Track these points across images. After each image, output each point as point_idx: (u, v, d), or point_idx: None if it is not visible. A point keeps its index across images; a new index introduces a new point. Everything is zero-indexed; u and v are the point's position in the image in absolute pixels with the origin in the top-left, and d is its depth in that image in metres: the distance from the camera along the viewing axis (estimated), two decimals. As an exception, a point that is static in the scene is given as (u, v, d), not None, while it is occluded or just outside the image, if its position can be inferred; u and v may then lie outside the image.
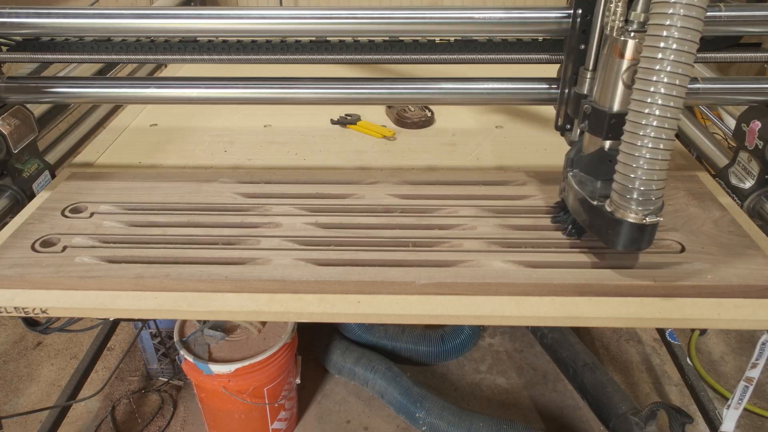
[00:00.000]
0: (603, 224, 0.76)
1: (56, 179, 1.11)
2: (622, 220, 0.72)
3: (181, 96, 1.03)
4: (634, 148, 0.68)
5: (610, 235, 0.75)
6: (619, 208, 0.73)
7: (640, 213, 0.71)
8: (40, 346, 1.84)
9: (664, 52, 0.64)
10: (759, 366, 0.85)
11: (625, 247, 0.75)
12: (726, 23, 0.89)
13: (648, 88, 0.66)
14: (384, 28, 0.92)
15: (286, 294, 0.79)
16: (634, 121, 0.68)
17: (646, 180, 0.69)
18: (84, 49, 1.00)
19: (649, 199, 0.71)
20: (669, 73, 0.64)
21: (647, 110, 0.66)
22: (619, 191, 0.72)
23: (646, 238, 0.74)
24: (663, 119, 0.66)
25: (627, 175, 0.70)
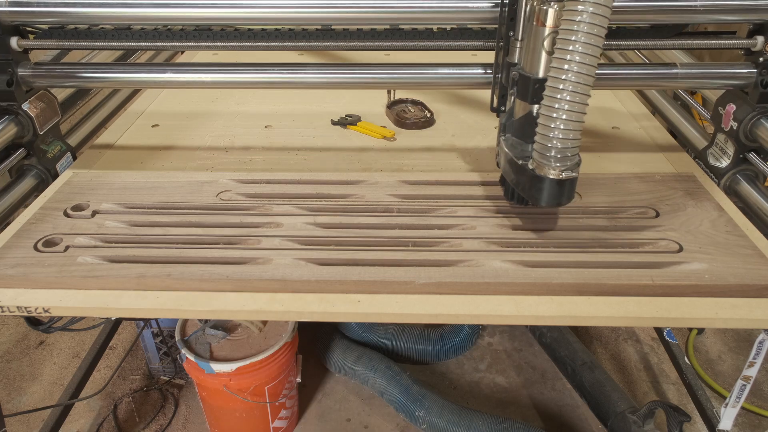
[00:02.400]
0: (527, 182, 0.83)
1: (78, 160, 1.19)
2: (543, 176, 0.79)
3: (195, 80, 1.08)
4: (552, 110, 0.75)
5: (533, 191, 0.82)
6: (540, 165, 0.79)
7: (558, 169, 0.77)
8: (42, 345, 1.84)
9: (579, 23, 0.70)
10: (756, 365, 0.86)
11: (547, 202, 0.81)
12: (703, 11, 0.94)
13: (565, 56, 0.72)
14: (384, 16, 0.99)
15: (287, 293, 0.80)
16: (552, 85, 0.74)
17: (563, 138, 0.75)
18: (106, 37, 1.05)
19: (566, 156, 0.77)
20: (583, 42, 0.71)
21: (564, 75, 0.72)
22: (539, 150, 0.79)
23: (565, 193, 0.80)
24: (577, 84, 0.72)
25: (546, 135, 0.77)
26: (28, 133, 1.04)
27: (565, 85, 0.73)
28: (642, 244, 0.87)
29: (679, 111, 1.30)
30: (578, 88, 0.72)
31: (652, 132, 1.31)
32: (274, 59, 1.09)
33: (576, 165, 0.79)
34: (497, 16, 0.93)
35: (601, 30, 0.71)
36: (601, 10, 0.70)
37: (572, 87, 0.72)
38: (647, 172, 1.07)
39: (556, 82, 0.73)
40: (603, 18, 0.70)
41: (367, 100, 1.44)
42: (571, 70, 0.72)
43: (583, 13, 0.70)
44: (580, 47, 0.71)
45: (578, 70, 0.72)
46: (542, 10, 0.78)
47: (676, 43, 1.02)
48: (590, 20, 0.70)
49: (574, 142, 0.76)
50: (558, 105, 0.74)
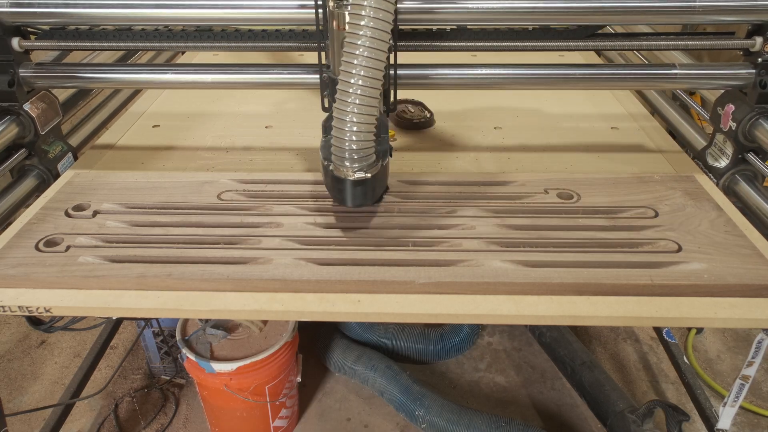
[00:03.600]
0: (330, 183, 0.84)
1: (79, 161, 1.19)
2: (343, 178, 0.80)
3: (196, 80, 1.09)
4: (344, 112, 0.75)
5: (336, 193, 0.83)
6: (338, 167, 0.80)
7: (353, 170, 0.78)
8: (43, 344, 1.85)
9: (364, 28, 0.71)
10: (755, 364, 0.86)
11: (353, 203, 0.82)
12: (701, 12, 0.94)
13: (352, 60, 0.73)
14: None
15: (287, 293, 0.80)
16: (342, 89, 0.75)
17: (356, 141, 0.76)
18: (107, 38, 1.06)
19: (361, 156, 0.78)
20: (368, 47, 0.72)
21: (352, 80, 0.73)
22: (336, 152, 0.79)
23: (368, 193, 0.82)
24: (365, 87, 0.73)
25: (340, 137, 0.77)
26: (29, 133, 1.05)
27: (354, 88, 0.73)
28: (641, 244, 0.87)
29: (678, 111, 1.30)
30: (366, 91, 0.73)
31: (651, 132, 1.31)
32: (274, 60, 1.10)
33: (371, 165, 0.80)
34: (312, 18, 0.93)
35: (384, 34, 0.72)
36: (381, 15, 0.71)
37: (360, 90, 0.73)
38: (646, 173, 1.07)
39: (346, 85, 0.74)
40: (385, 22, 0.71)
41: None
42: (357, 74, 0.72)
43: (365, 17, 0.71)
44: (366, 50, 0.71)
45: (365, 74, 0.72)
46: (337, 14, 0.80)
47: (675, 44, 1.03)
48: (374, 24, 0.71)
49: (367, 143, 0.77)
50: (349, 108, 0.74)
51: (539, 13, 0.96)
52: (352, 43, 0.73)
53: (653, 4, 0.95)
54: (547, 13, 0.96)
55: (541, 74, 1.05)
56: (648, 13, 0.96)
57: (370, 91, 0.74)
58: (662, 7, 0.95)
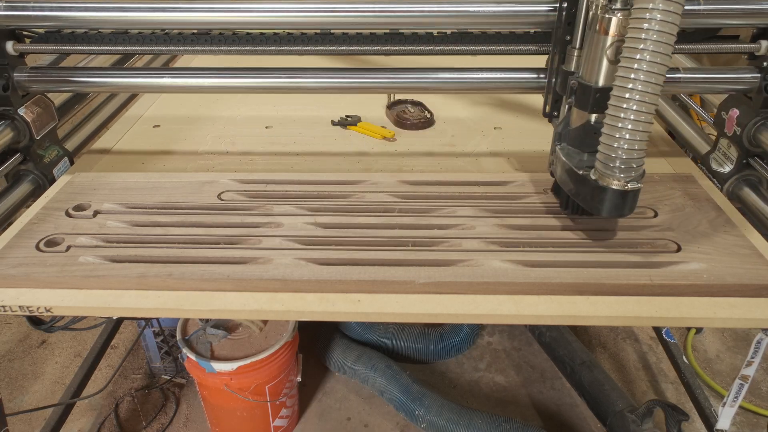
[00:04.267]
0: (588, 192, 0.81)
1: (74, 165, 1.17)
2: (606, 187, 0.77)
3: (193, 85, 1.08)
4: (618, 119, 0.73)
5: (595, 202, 0.81)
6: (603, 176, 0.78)
7: (623, 180, 0.76)
8: (44, 344, 1.85)
9: (647, 31, 0.69)
10: (754, 364, 0.86)
11: (609, 213, 0.80)
12: (706, 16, 0.93)
13: (632, 65, 0.71)
14: (384, 20, 0.98)
15: (287, 293, 0.80)
16: (617, 95, 0.73)
17: (628, 149, 0.74)
18: (103, 41, 1.04)
19: (630, 167, 0.76)
20: (651, 51, 0.69)
21: (631, 85, 0.71)
22: (603, 160, 0.78)
23: (628, 204, 0.79)
24: (645, 93, 0.71)
25: (610, 145, 0.75)
26: (24, 138, 1.03)
27: (632, 95, 0.71)
28: (641, 243, 0.88)
29: (678, 112, 1.30)
30: (646, 98, 0.70)
31: (653, 137, 1.31)
32: (273, 63, 1.09)
33: (640, 176, 0.77)
34: (553, 20, 0.91)
35: (670, 37, 0.68)
36: (670, 17, 0.68)
37: (639, 97, 0.70)
38: (646, 173, 1.07)
39: (623, 92, 0.71)
40: (672, 25, 0.68)
41: (367, 101, 1.45)
42: (638, 79, 0.70)
43: (651, 20, 0.68)
44: (648, 55, 0.69)
45: (646, 79, 0.70)
46: (605, 18, 0.77)
47: (679, 47, 1.01)
48: (659, 27, 0.68)
49: (640, 152, 0.75)
50: (624, 115, 0.72)
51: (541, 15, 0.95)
52: (633, 48, 0.70)
53: None
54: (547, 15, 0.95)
55: (539, 78, 1.02)
56: None
57: (651, 98, 0.71)
58: None
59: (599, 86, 0.81)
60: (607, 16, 0.77)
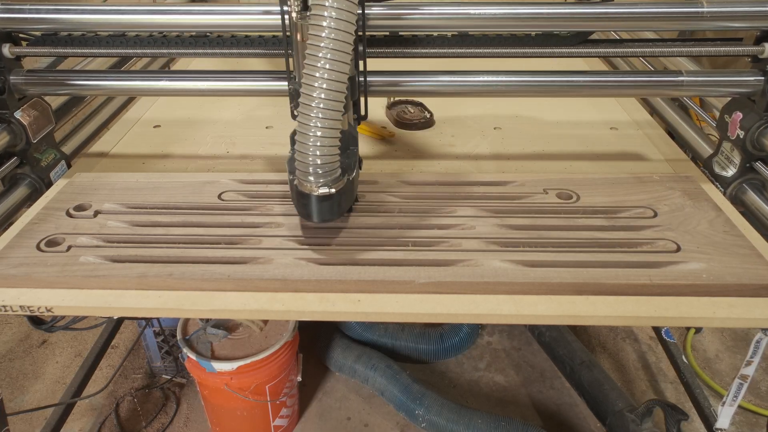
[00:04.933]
0: (296, 198, 0.81)
1: (72, 168, 1.17)
2: (308, 193, 0.78)
3: (191, 88, 1.07)
4: (307, 127, 0.73)
5: (301, 208, 0.81)
6: (301, 182, 0.78)
7: (318, 185, 0.76)
8: (45, 344, 1.85)
9: (323, 38, 0.69)
10: (753, 364, 0.86)
11: (320, 218, 0.80)
12: (709, 18, 0.92)
13: (313, 72, 0.70)
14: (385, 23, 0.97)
15: (288, 293, 0.81)
16: (304, 102, 0.72)
17: (321, 155, 0.74)
18: (100, 44, 1.04)
19: (326, 171, 0.76)
20: (330, 60, 0.69)
21: (315, 93, 0.71)
22: (300, 167, 0.77)
23: (335, 209, 0.80)
24: (328, 101, 0.71)
25: (304, 152, 0.75)
26: (20, 141, 1.02)
27: (316, 101, 0.71)
28: (640, 243, 0.88)
29: (678, 113, 1.29)
30: (329, 104, 0.71)
31: (649, 132, 1.32)
32: (271, 67, 1.09)
33: (335, 180, 0.77)
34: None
35: (346, 45, 0.69)
36: (343, 25, 0.69)
37: (323, 104, 0.71)
38: (645, 173, 1.07)
39: (308, 98, 0.71)
40: (347, 33, 0.69)
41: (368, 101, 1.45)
42: (320, 87, 0.70)
43: (326, 28, 0.68)
44: (327, 61, 0.69)
45: (327, 87, 0.70)
46: (300, 24, 0.78)
47: (682, 51, 1.01)
48: (335, 35, 0.68)
49: (331, 157, 0.75)
50: (312, 122, 0.72)
51: (543, 19, 0.95)
52: (313, 55, 0.70)
53: (660, 11, 0.94)
54: (554, 19, 0.95)
55: (541, 81, 1.03)
56: (655, 19, 0.94)
57: (333, 104, 0.71)
58: (669, 13, 0.94)
59: None
60: (302, 23, 0.78)
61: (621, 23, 0.98)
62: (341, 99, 0.72)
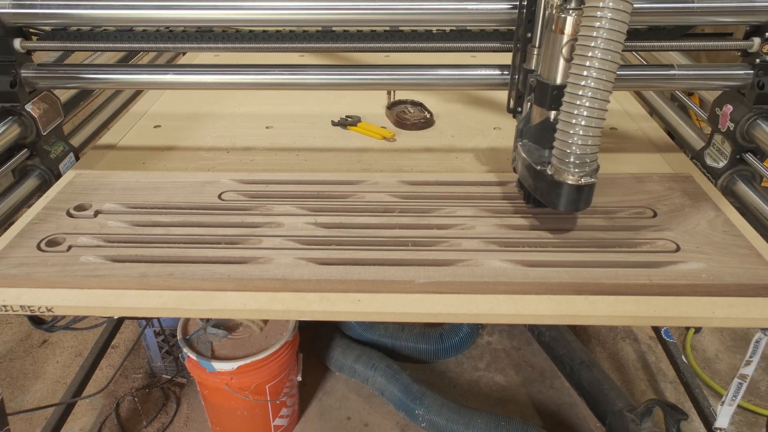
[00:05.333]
0: (545, 187, 0.83)
1: (80, 161, 1.19)
2: (562, 182, 0.79)
3: (197, 81, 1.09)
4: (572, 116, 0.75)
5: (552, 197, 0.83)
6: (559, 171, 0.80)
7: (577, 175, 0.78)
8: (45, 344, 1.85)
9: (598, 29, 0.71)
10: (753, 363, 0.86)
11: (565, 207, 0.82)
12: (699, 13, 0.95)
13: (584, 63, 0.72)
14: (385, 18, 0.99)
15: (288, 293, 0.81)
16: (571, 92, 0.75)
17: (581, 145, 0.76)
18: (108, 39, 1.06)
19: (584, 162, 0.78)
20: (602, 49, 0.71)
21: (583, 82, 0.73)
22: (558, 156, 0.79)
23: (584, 198, 0.81)
24: (597, 90, 0.73)
25: (565, 141, 0.77)
26: (31, 133, 1.05)
27: (585, 91, 0.73)
28: (640, 243, 0.88)
29: (676, 112, 1.31)
30: (597, 94, 0.73)
31: (649, 132, 1.32)
32: (275, 61, 1.10)
33: (594, 171, 0.80)
34: (514, 17, 0.93)
35: (621, 36, 0.71)
36: (620, 16, 0.70)
37: (591, 93, 0.73)
38: (645, 173, 1.07)
39: (576, 89, 0.74)
40: (622, 24, 0.70)
41: (367, 102, 1.45)
42: (590, 76, 0.72)
43: (602, 19, 0.70)
44: (600, 53, 0.71)
45: (597, 77, 0.72)
46: (561, 18, 0.79)
47: (674, 45, 1.03)
48: (609, 26, 0.70)
49: (593, 148, 0.77)
50: (577, 111, 0.74)
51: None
52: (585, 45, 0.72)
53: (651, 5, 0.95)
54: None
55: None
56: (645, 13, 0.96)
57: (603, 95, 0.73)
58: (660, 8, 0.95)
59: (556, 84, 0.83)
60: (563, 16, 0.79)
61: None
62: (611, 89, 0.74)
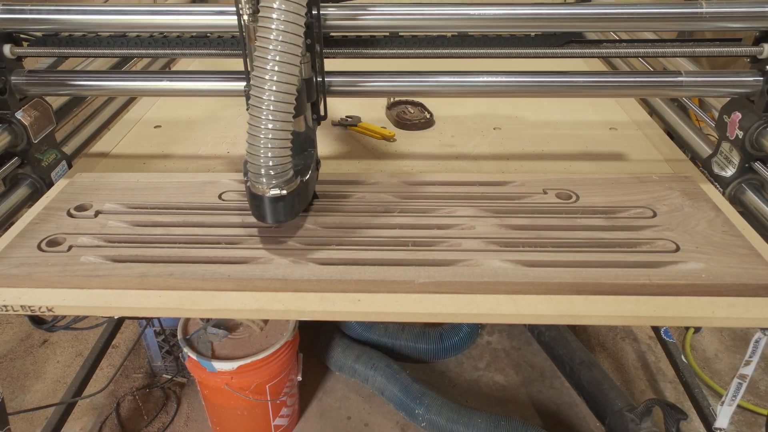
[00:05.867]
0: (251, 201, 0.82)
1: (73, 169, 1.17)
2: (261, 195, 0.78)
3: (192, 88, 1.07)
4: (257, 128, 0.73)
5: (255, 210, 0.81)
6: (253, 184, 0.78)
7: (270, 186, 0.77)
8: (46, 343, 1.86)
9: (270, 40, 0.69)
10: (752, 363, 0.86)
11: (273, 220, 0.81)
12: (708, 19, 0.93)
13: (263, 75, 0.71)
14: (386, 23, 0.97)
15: (288, 292, 0.81)
16: (253, 104, 0.72)
17: (271, 156, 0.74)
18: (101, 44, 1.04)
19: (277, 173, 0.76)
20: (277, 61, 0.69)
21: (264, 95, 0.71)
22: (251, 169, 0.77)
23: (285, 210, 0.80)
24: (277, 103, 0.71)
25: (255, 153, 0.75)
26: (21, 141, 1.03)
27: (266, 103, 0.71)
28: (639, 243, 0.88)
29: (677, 113, 1.29)
30: (278, 106, 0.71)
31: (649, 133, 1.32)
32: None
33: (288, 181, 0.78)
34: None
35: (294, 47, 0.70)
36: (291, 27, 0.69)
37: (273, 106, 0.71)
38: (645, 173, 1.07)
39: (257, 100, 0.71)
40: (295, 35, 0.69)
41: (368, 102, 1.45)
42: (269, 89, 0.70)
43: (273, 30, 0.69)
44: (276, 64, 0.69)
45: (276, 89, 0.70)
46: (251, 27, 0.78)
47: (680, 51, 1.01)
48: (283, 37, 0.69)
49: (282, 158, 0.75)
50: (262, 124, 0.72)
51: (539, 19, 0.95)
52: (261, 56, 0.70)
53: (659, 11, 0.94)
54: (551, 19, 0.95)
55: (540, 82, 1.03)
56: (654, 20, 0.95)
57: (283, 105, 0.71)
58: (668, 14, 0.94)
59: None
60: (253, 25, 0.77)
61: (620, 24, 0.98)
62: (291, 100, 0.72)
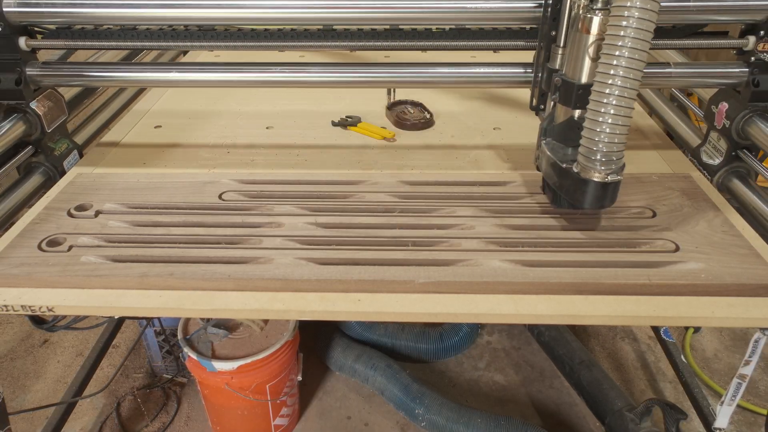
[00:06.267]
0: (571, 185, 0.84)
1: (84, 158, 1.21)
2: (588, 179, 0.80)
3: (199, 79, 1.10)
4: (598, 114, 0.76)
5: (577, 194, 0.83)
6: (585, 169, 0.81)
7: (603, 173, 0.79)
8: (46, 343, 1.86)
9: (625, 29, 0.72)
10: (752, 363, 0.87)
11: (591, 205, 0.83)
12: (695, 12, 0.96)
13: (611, 62, 0.73)
14: (385, 16, 1.00)
15: (288, 292, 0.81)
16: (598, 91, 0.76)
17: (608, 143, 0.77)
18: (112, 37, 1.07)
19: (611, 160, 0.79)
20: (630, 49, 0.72)
21: (610, 81, 0.74)
22: (584, 154, 0.80)
23: (609, 195, 0.82)
24: (624, 89, 0.74)
25: (592, 138, 0.78)
26: (35, 131, 1.06)
27: (612, 90, 0.74)
28: (639, 243, 0.88)
29: (674, 111, 1.32)
30: (624, 93, 0.74)
31: (648, 132, 1.32)
32: (276, 59, 1.11)
33: (620, 168, 0.80)
34: (537, 16, 0.94)
35: (648, 35, 0.72)
36: (647, 15, 0.71)
37: (618, 92, 0.74)
38: (644, 173, 1.08)
39: (603, 88, 0.75)
40: (649, 23, 0.71)
41: (367, 102, 1.45)
42: (617, 75, 0.73)
43: (629, 18, 0.71)
44: (627, 52, 0.72)
45: (624, 75, 0.73)
46: (587, 18, 0.80)
47: (670, 43, 1.04)
48: (637, 26, 0.71)
49: (620, 145, 0.78)
50: (604, 110, 0.75)
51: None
52: (612, 45, 0.73)
53: None
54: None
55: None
56: None
57: (630, 93, 0.74)
58: None
59: (582, 83, 0.84)
60: (589, 16, 0.79)
61: None
62: (637, 88, 0.75)
